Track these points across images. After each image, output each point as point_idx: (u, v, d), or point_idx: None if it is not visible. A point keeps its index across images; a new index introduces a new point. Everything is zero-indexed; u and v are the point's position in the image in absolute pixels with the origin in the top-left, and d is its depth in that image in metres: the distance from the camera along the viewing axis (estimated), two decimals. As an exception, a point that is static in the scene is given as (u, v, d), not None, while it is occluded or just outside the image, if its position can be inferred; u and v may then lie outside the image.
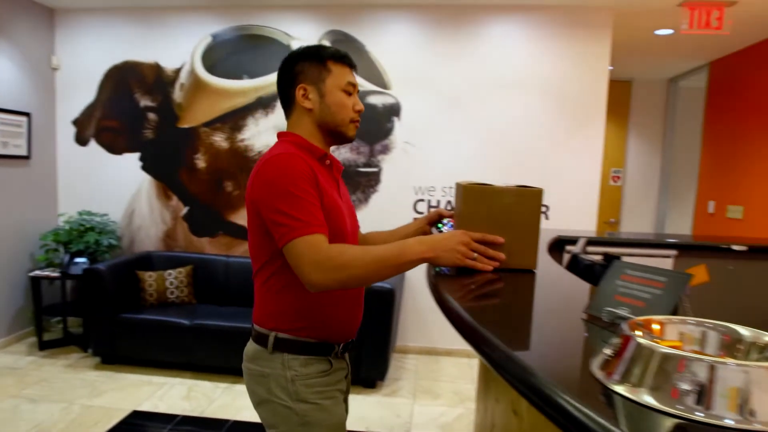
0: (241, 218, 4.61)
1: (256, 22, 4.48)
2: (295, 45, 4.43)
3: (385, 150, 4.42)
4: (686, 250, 2.64)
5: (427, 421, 3.37)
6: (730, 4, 3.83)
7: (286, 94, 1.48)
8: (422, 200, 4.45)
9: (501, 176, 4.24)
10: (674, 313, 0.90)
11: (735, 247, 2.54)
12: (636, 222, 6.42)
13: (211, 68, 4.52)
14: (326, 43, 4.41)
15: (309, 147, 1.44)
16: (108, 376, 3.86)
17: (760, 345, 0.72)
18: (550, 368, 0.75)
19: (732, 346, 0.74)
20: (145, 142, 4.66)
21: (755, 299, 2.69)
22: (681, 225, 6.18)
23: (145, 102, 4.63)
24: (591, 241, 2.38)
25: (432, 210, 1.69)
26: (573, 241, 2.37)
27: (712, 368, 0.63)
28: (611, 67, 5.47)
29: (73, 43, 4.70)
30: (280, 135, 1.49)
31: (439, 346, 4.51)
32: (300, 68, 1.45)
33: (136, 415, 3.29)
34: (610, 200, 6.41)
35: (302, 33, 4.44)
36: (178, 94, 4.59)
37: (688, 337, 0.76)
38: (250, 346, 1.46)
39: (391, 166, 4.44)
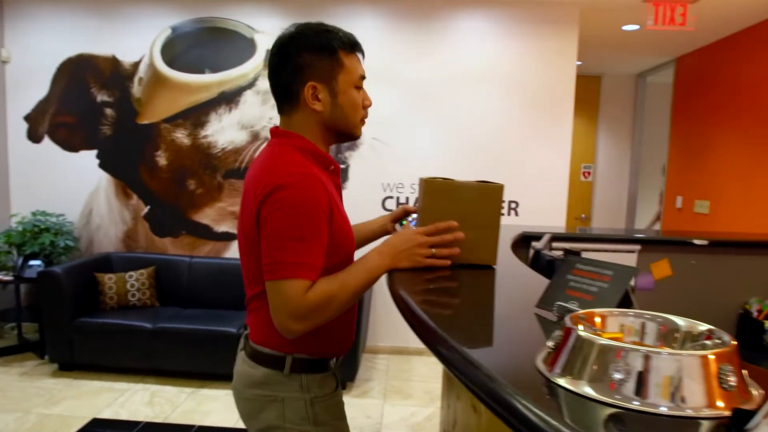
0: (204, 217, 4.57)
1: (217, 15, 4.44)
2: (259, 38, 4.41)
3: (353, 146, 4.43)
4: (650, 244, 2.72)
5: (398, 421, 3.41)
6: (693, 0, 3.94)
7: (286, 89, 1.32)
8: (391, 197, 4.49)
9: (470, 172, 4.29)
10: (623, 305, 0.94)
11: (696, 242, 2.64)
12: (607, 218, 6.56)
13: (171, 62, 4.46)
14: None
15: (317, 154, 1.33)
16: (66, 383, 3.79)
17: (695, 334, 0.76)
18: (496, 363, 0.78)
19: (669, 336, 0.78)
20: (103, 138, 4.58)
21: (714, 292, 2.80)
22: (650, 220, 6.35)
23: (101, 97, 4.55)
24: (556, 237, 2.44)
25: (399, 207, 1.70)
26: (538, 237, 2.43)
27: (647, 358, 0.67)
28: (580, 62, 5.59)
29: (24, 35, 4.59)
30: (280, 134, 1.34)
31: (410, 345, 4.55)
32: (307, 61, 1.28)
33: (96, 423, 3.25)
34: (581, 196, 6.55)
35: (266, 26, 4.42)
36: (136, 89, 4.53)
37: (628, 329, 0.80)
38: (253, 369, 1.34)
39: (358, 163, 4.46)
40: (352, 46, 1.34)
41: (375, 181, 4.47)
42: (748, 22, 4.51)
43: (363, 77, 1.37)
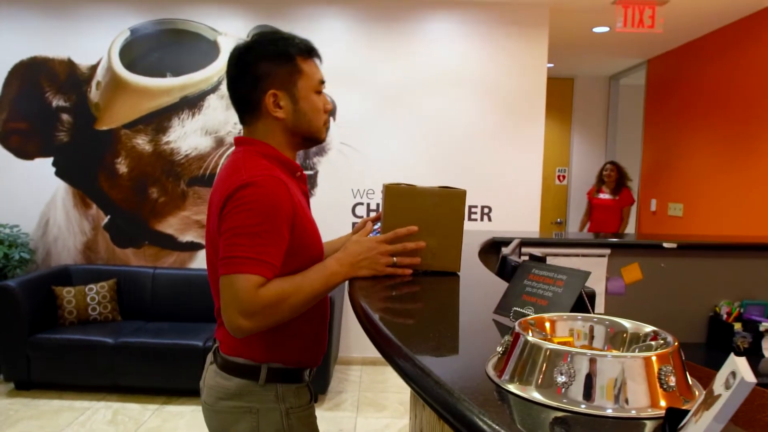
0: (168, 227, 4.53)
1: (179, 16, 4.43)
2: (222, 41, 4.41)
3: (321, 152, 4.45)
4: (620, 248, 2.79)
5: (370, 433, 3.42)
6: (661, 3, 4.07)
7: (245, 98, 1.36)
8: (361, 203, 4.51)
9: (442, 177, 4.34)
10: (578, 309, 0.98)
11: (666, 245, 2.71)
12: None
13: (130, 65, 4.42)
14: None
15: (282, 160, 1.36)
16: (23, 403, 3.72)
17: (641, 336, 0.79)
18: (448, 369, 0.80)
19: (617, 339, 0.81)
20: (59, 145, 4.52)
21: (684, 295, 2.88)
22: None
23: (57, 102, 4.48)
24: (525, 243, 2.48)
25: (360, 221, 1.73)
26: (508, 242, 2.47)
27: (592, 361, 0.70)
28: (551, 65, 5.71)
29: (-26, 38, 4.50)
30: (243, 142, 1.38)
31: (383, 355, 4.56)
32: (266, 70, 1.32)
33: (52, 443, 3.20)
34: (557, 200, 6.66)
35: (229, 28, 4.42)
36: (94, 93, 4.47)
37: (577, 333, 0.83)
38: (226, 381, 1.35)
39: (327, 169, 4.47)
40: (309, 51, 1.38)
41: (345, 187, 4.48)
42: (717, 25, 4.66)
43: (322, 82, 1.41)
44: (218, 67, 4.41)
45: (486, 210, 4.49)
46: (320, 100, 1.40)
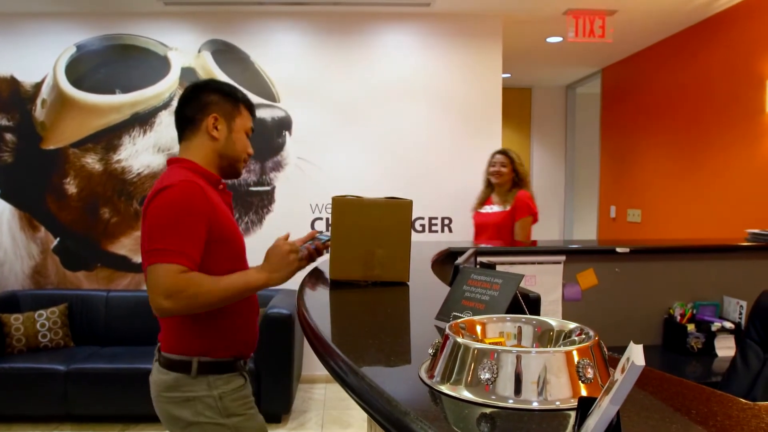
0: (121, 248, 4.47)
1: (126, 31, 4.40)
2: (173, 56, 4.40)
3: (278, 167, 4.46)
4: (575, 255, 2.88)
5: (334, 452, 3.42)
6: (610, 13, 4.23)
7: (190, 117, 1.64)
8: (320, 218, 4.53)
9: (402, 189, 4.38)
10: (514, 311, 1.03)
11: (619, 250, 2.81)
12: (545, 230, 6.80)
13: (77, 82, 4.37)
14: (207, 53, 4.42)
15: (204, 173, 1.62)
16: (-34, 438, 3.61)
17: (566, 332, 0.84)
18: (381, 374, 0.84)
19: (545, 337, 0.86)
20: (3, 166, 4.42)
21: (639, 298, 2.98)
22: (587, 231, 6.65)
23: (0, 121, 4.40)
24: (480, 252, 2.55)
25: (306, 234, 1.80)
26: (464, 253, 2.53)
27: (518, 358, 0.74)
28: (508, 75, 5.85)
29: None
30: (173, 161, 1.64)
31: (347, 371, 4.56)
32: (214, 99, 1.65)
33: (-1, 479, 3.10)
34: (519, 209, 6.78)
35: (180, 43, 4.41)
36: (39, 112, 4.40)
37: (507, 334, 0.87)
38: (165, 376, 1.58)
39: (285, 184, 4.48)
40: (250, 105, 1.74)
41: (302, 201, 4.50)
42: (666, 33, 4.86)
43: (252, 130, 1.75)
44: (169, 83, 4.40)
45: (446, 221, 4.56)
46: (247, 142, 1.72)
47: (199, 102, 1.64)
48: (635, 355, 0.53)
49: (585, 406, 0.62)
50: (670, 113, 4.91)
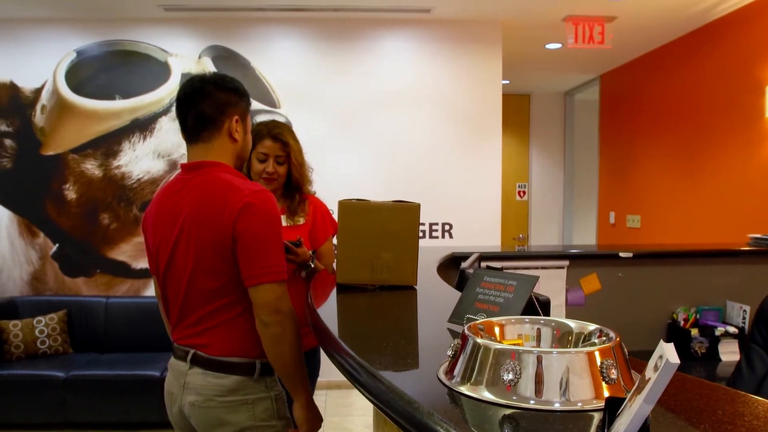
0: (121, 254, 4.45)
1: (127, 37, 4.40)
2: (173, 62, 4.40)
3: (279, 172, 4.44)
4: (578, 259, 2.87)
5: (336, 459, 3.39)
6: (610, 19, 4.25)
7: (210, 117, 1.55)
8: (322, 223, 4.51)
9: (402, 195, 4.37)
10: (528, 313, 1.02)
11: (622, 254, 2.81)
12: (544, 236, 6.82)
13: (77, 88, 4.36)
14: (207, 59, 4.42)
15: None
16: (-37, 446, 3.58)
17: (585, 334, 0.83)
18: (400, 376, 0.83)
19: (564, 339, 0.85)
20: (2, 172, 4.40)
21: (642, 303, 2.98)
22: (586, 237, 6.65)
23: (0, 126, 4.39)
24: (484, 257, 2.54)
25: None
26: (468, 257, 2.52)
27: (538, 359, 0.73)
28: (507, 81, 5.86)
29: None
30: (211, 165, 1.55)
31: (348, 378, 4.54)
32: (235, 100, 1.59)
33: (-2, 487, 3.07)
34: (518, 215, 6.79)
35: (180, 49, 4.41)
36: (39, 117, 4.39)
37: (526, 336, 0.86)
38: (223, 380, 1.52)
39: (286, 189, 4.46)
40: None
41: (303, 207, 4.48)
42: (664, 40, 4.88)
43: None
44: (170, 89, 4.39)
45: (447, 227, 4.56)
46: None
47: (217, 101, 1.55)
48: (668, 353, 0.52)
49: (613, 407, 0.61)
50: (669, 119, 4.92)
